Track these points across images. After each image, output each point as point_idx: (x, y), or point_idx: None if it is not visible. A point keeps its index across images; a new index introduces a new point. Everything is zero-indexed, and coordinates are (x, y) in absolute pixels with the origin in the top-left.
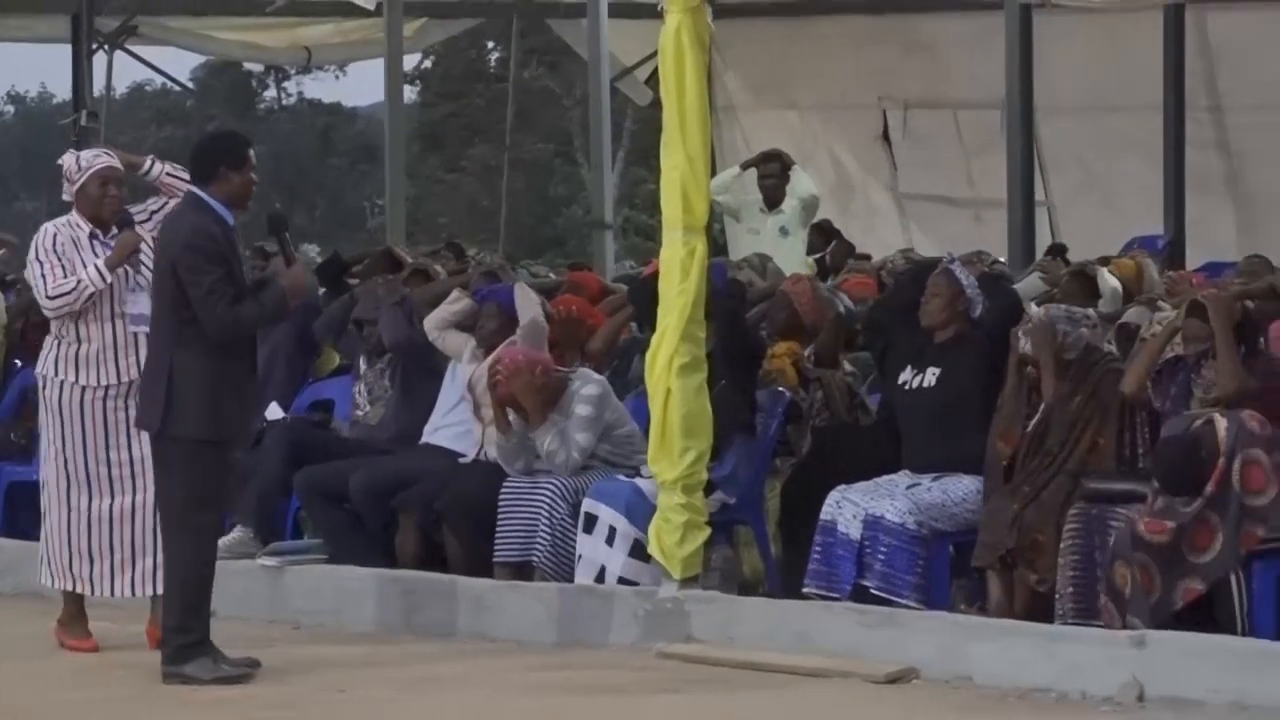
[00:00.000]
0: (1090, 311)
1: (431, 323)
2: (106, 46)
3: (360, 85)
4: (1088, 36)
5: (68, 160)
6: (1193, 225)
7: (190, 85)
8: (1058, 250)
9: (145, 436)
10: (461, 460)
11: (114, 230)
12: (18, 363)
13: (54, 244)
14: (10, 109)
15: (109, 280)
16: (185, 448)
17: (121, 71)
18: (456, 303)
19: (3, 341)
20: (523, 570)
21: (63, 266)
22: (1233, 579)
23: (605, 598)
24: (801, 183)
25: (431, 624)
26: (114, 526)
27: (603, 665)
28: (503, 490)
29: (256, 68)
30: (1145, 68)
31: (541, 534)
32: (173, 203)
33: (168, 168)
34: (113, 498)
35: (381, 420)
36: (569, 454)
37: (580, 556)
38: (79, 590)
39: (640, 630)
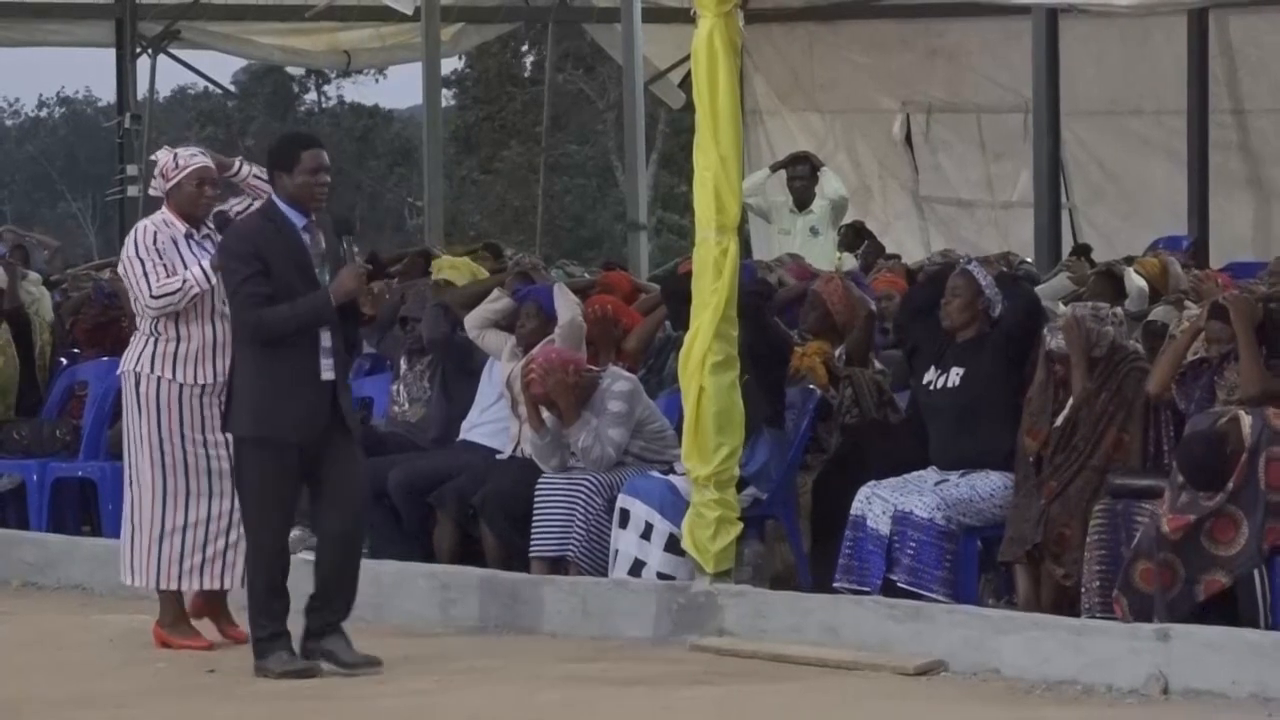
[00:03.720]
0: (1117, 310)
1: (472, 321)
2: (150, 50)
3: (398, 88)
4: (1111, 41)
5: (163, 156)
6: (1214, 226)
7: (232, 88)
8: (1083, 250)
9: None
10: (498, 457)
11: (205, 230)
12: (63, 360)
13: (154, 241)
14: (60, 110)
15: (213, 281)
16: (243, 446)
17: (165, 75)
18: (496, 301)
19: (49, 340)
20: (558, 565)
21: (165, 266)
22: (1256, 573)
23: (639, 592)
24: (830, 184)
25: (468, 617)
26: (208, 526)
27: (636, 658)
28: (538, 486)
29: (297, 71)
30: (1168, 71)
31: (577, 529)
32: (256, 204)
33: (255, 170)
34: (210, 499)
35: (421, 420)
36: (603, 450)
37: (615, 551)
38: (168, 586)
39: (673, 623)
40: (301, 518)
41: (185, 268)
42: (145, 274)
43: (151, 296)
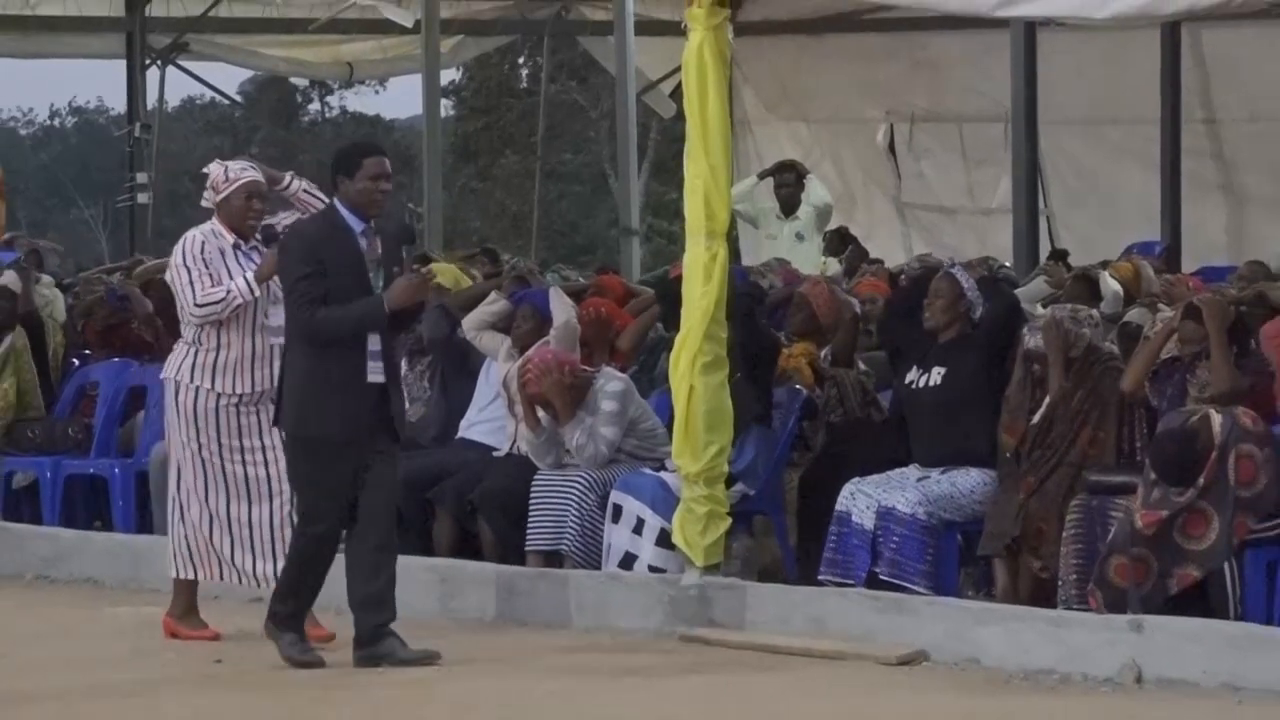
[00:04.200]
0: (1094, 312)
1: (470, 323)
2: (159, 62)
3: (398, 99)
4: (1088, 52)
5: (215, 170)
6: (1188, 231)
7: (238, 99)
8: (1060, 255)
9: (278, 443)
10: (495, 454)
11: (253, 242)
12: (75, 361)
13: (202, 251)
14: (72, 120)
15: (257, 294)
16: (294, 443)
17: (173, 86)
18: (494, 304)
19: (62, 342)
20: (553, 558)
21: (210, 275)
22: (1226, 567)
23: (631, 584)
24: (816, 191)
25: (466, 609)
26: (252, 529)
27: (628, 649)
28: (534, 482)
29: (301, 82)
30: (1143, 82)
31: (571, 524)
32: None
33: (304, 184)
34: (250, 504)
35: (421, 419)
36: (596, 448)
37: (608, 545)
38: (206, 576)
39: (664, 615)
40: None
41: (230, 278)
42: (190, 282)
43: (195, 305)
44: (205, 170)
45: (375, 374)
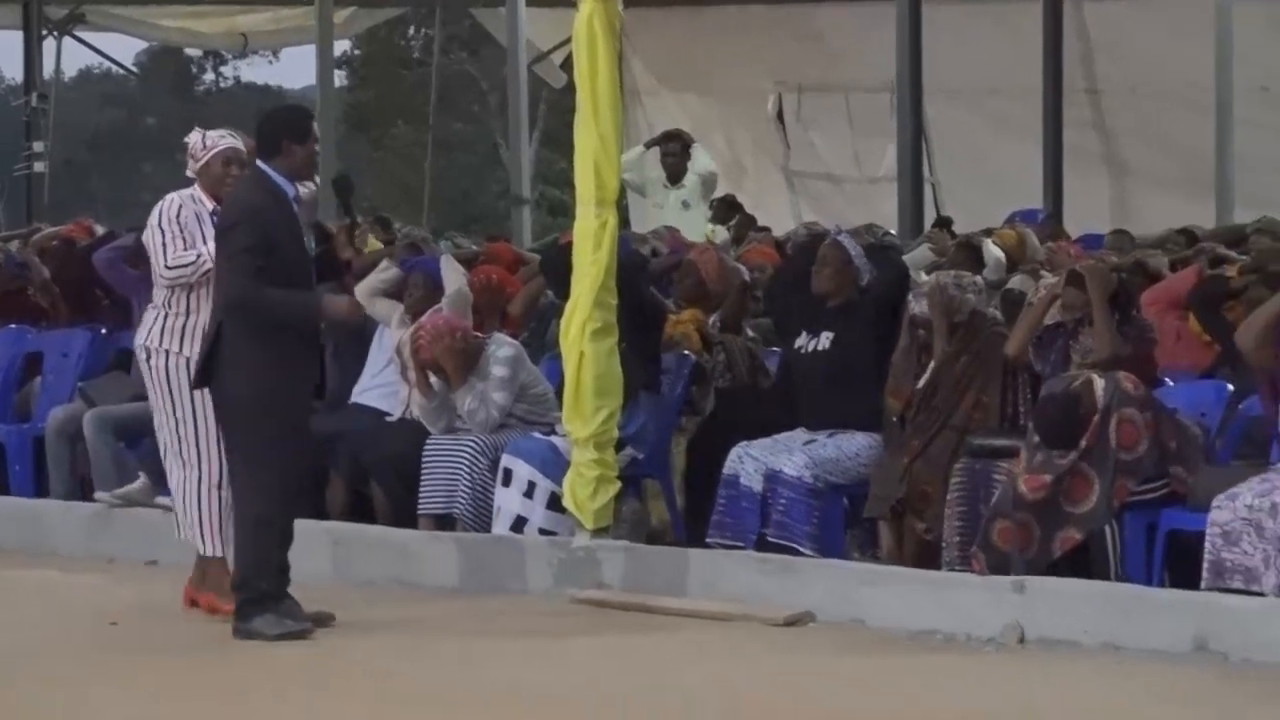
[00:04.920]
0: (978, 279)
1: (362, 290)
2: (55, 33)
3: (292, 69)
4: (972, 24)
5: (194, 138)
6: (1071, 199)
7: (134, 70)
8: (944, 223)
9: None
10: (388, 419)
11: None
12: None
13: (177, 214)
14: None
15: None
16: (234, 409)
17: (70, 57)
18: (385, 271)
19: None
20: (445, 522)
21: (184, 239)
22: (1107, 529)
23: (522, 547)
24: (700, 160)
25: (359, 573)
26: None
27: (520, 610)
28: (426, 447)
29: (196, 53)
30: (1027, 54)
31: (463, 488)
32: None
33: None
34: (221, 465)
35: None
36: (488, 413)
37: (499, 509)
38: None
39: (555, 578)
40: (149, 468)
41: (205, 243)
42: (164, 244)
43: (166, 267)
44: (186, 140)
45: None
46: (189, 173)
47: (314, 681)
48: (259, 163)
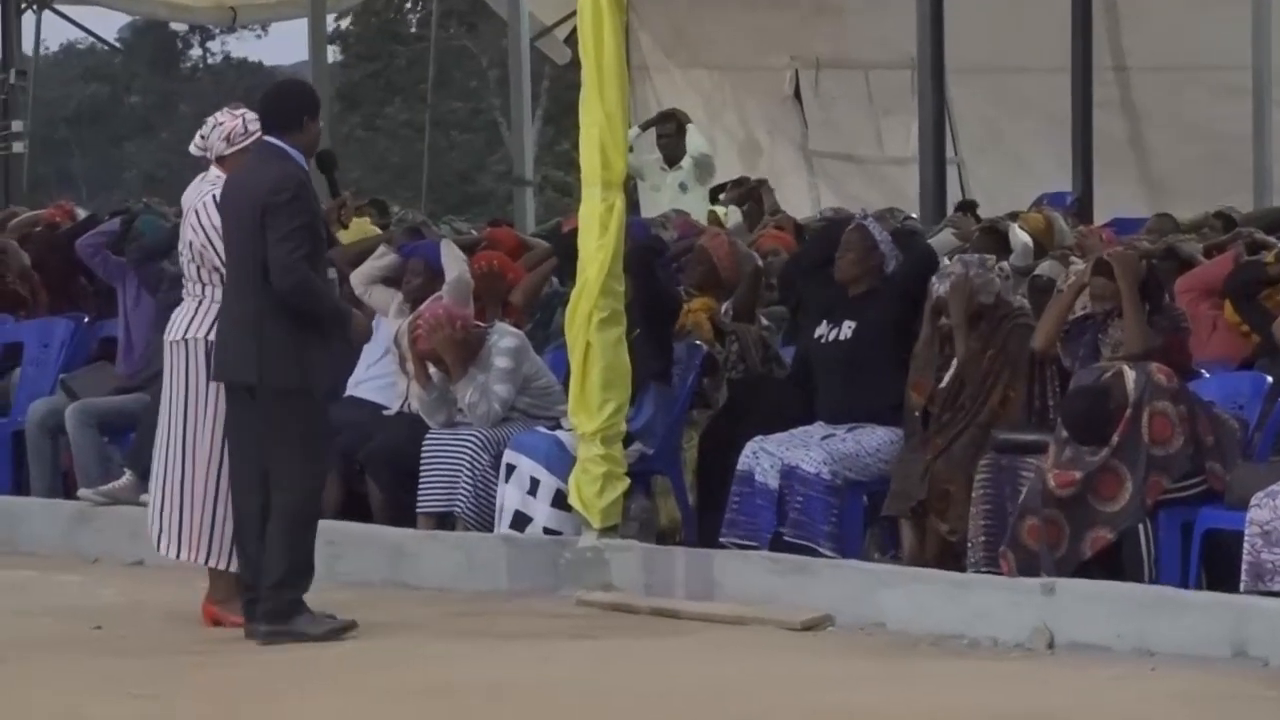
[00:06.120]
0: (1003, 264)
1: (358, 278)
2: (35, 6)
3: (281, 45)
4: None
5: (230, 121)
6: (1098, 181)
7: (117, 45)
8: (968, 206)
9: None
10: (385, 413)
11: None
12: None
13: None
14: None
15: None
16: (282, 399)
17: (50, 31)
18: (382, 258)
19: None
20: (444, 520)
21: None
22: (1140, 528)
23: (525, 546)
24: (693, 141)
25: (354, 572)
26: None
27: (522, 613)
28: (425, 442)
29: (181, 27)
30: (1051, 29)
31: (463, 484)
32: None
33: None
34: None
35: None
36: (489, 406)
37: (501, 506)
38: (220, 565)
39: (560, 578)
40: (135, 465)
41: None
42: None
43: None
44: (211, 118)
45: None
46: (212, 155)
47: (305, 687)
48: (272, 138)
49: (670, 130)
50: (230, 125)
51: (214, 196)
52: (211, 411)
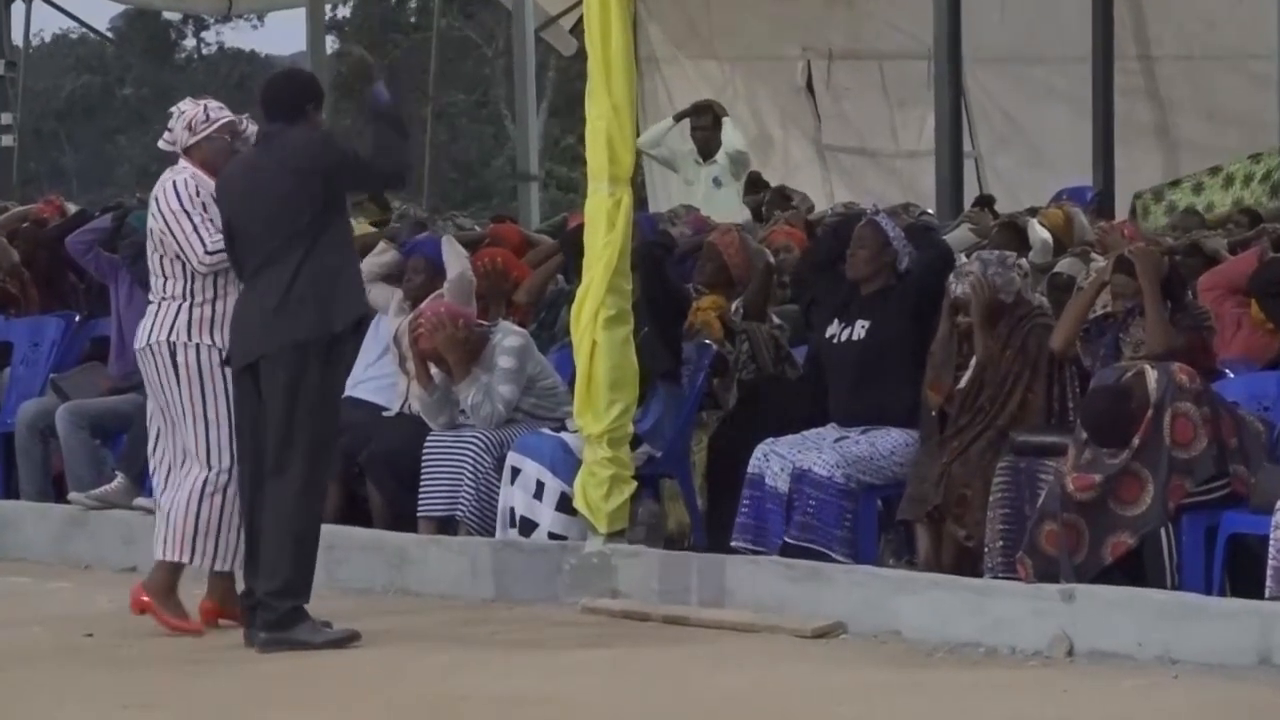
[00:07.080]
0: (1023, 261)
1: None
2: None
3: (278, 35)
4: None
5: (192, 109)
6: (1121, 175)
7: (109, 35)
8: (985, 201)
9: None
10: (385, 414)
11: None
12: None
13: (196, 193)
14: None
15: None
16: (308, 398)
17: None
18: (383, 254)
19: None
20: (447, 525)
21: (211, 221)
22: (1162, 533)
23: (530, 552)
24: (729, 137)
25: (354, 579)
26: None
27: (527, 620)
28: (426, 444)
29: (175, 17)
30: (1072, 18)
31: (466, 488)
32: None
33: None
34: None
35: None
36: (493, 407)
37: (505, 510)
38: (221, 567)
39: (566, 584)
40: (127, 467)
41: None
42: (195, 229)
43: (206, 253)
44: (175, 108)
45: None
46: (179, 147)
47: (299, 697)
48: (275, 128)
49: (706, 123)
50: (192, 113)
51: (174, 183)
52: (196, 410)
